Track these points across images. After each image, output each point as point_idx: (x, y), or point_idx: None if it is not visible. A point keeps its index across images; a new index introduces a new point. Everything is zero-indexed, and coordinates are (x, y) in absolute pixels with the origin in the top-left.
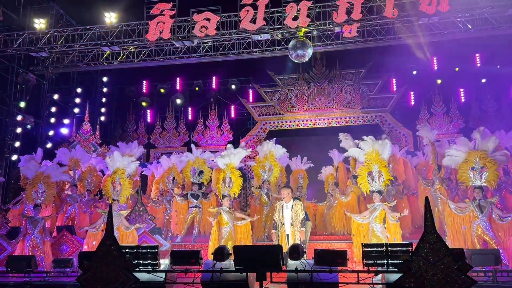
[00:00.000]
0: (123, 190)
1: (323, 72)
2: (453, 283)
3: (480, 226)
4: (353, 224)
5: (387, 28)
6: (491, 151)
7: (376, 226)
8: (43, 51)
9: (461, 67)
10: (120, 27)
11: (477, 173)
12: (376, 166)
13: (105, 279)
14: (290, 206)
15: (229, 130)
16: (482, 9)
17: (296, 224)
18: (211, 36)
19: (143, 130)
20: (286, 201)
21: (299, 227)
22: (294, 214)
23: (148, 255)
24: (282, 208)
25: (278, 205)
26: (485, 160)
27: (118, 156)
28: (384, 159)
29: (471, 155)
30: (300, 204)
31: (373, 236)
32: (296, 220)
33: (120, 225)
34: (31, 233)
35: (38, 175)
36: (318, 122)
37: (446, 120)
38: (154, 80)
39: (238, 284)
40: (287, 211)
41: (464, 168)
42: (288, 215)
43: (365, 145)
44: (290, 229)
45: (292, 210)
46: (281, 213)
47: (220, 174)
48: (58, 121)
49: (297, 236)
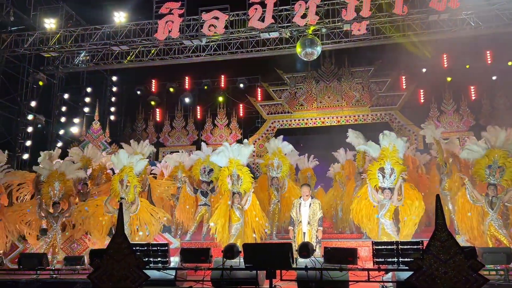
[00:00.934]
0: (132, 188)
1: (332, 70)
2: (465, 281)
3: (492, 225)
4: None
5: (397, 25)
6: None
7: (386, 223)
8: (53, 51)
9: (472, 64)
10: (129, 27)
11: (493, 171)
12: (389, 163)
13: (115, 277)
14: (308, 204)
15: (238, 128)
16: (492, 6)
17: (313, 222)
18: (219, 34)
19: (152, 129)
20: (304, 199)
21: (316, 225)
22: (311, 212)
23: (158, 252)
24: (300, 206)
25: (296, 202)
26: (505, 159)
27: (123, 154)
28: (400, 157)
29: (491, 153)
30: (318, 203)
31: (383, 234)
32: (314, 218)
33: (131, 215)
34: (53, 228)
35: (53, 173)
36: (327, 120)
37: (456, 118)
38: (163, 79)
39: (248, 282)
40: (304, 209)
41: (482, 164)
42: (305, 213)
43: (384, 140)
44: (307, 227)
45: (310, 208)
46: (299, 210)
47: (226, 172)
48: (68, 120)
49: (314, 235)
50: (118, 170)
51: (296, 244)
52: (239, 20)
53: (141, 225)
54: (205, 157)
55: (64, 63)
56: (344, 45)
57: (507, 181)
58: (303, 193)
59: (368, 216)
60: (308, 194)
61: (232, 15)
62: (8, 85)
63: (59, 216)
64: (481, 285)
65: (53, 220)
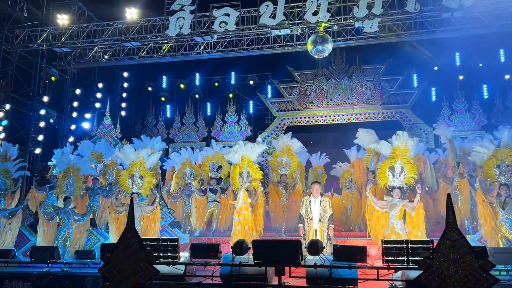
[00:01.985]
0: (146, 182)
1: (343, 67)
2: (475, 281)
3: (502, 224)
4: (367, 209)
5: (409, 23)
6: None
7: (396, 223)
8: (65, 47)
9: (485, 62)
10: (141, 23)
11: (503, 170)
12: (400, 162)
13: (126, 271)
14: (319, 201)
15: (248, 125)
16: (507, 3)
17: (324, 220)
18: (230, 31)
19: (163, 125)
20: (314, 196)
21: (327, 223)
22: (322, 210)
23: (168, 247)
24: (310, 203)
25: (306, 200)
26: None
27: (130, 149)
28: (410, 157)
29: (498, 152)
30: (328, 200)
31: (392, 233)
32: (324, 216)
33: (143, 214)
34: (65, 224)
35: (70, 168)
36: (337, 118)
37: (468, 117)
38: (174, 76)
39: (257, 278)
40: (315, 207)
41: (490, 164)
42: (316, 210)
43: (396, 139)
44: (319, 224)
45: (321, 205)
46: (309, 208)
47: (236, 169)
48: (80, 116)
49: (325, 232)
50: (127, 165)
51: (307, 241)
52: (250, 16)
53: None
54: (214, 153)
55: (76, 58)
56: (355, 43)
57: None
58: (314, 190)
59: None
60: (318, 191)
61: (243, 12)
62: (21, 80)
63: (70, 213)
64: (492, 285)
65: (64, 215)
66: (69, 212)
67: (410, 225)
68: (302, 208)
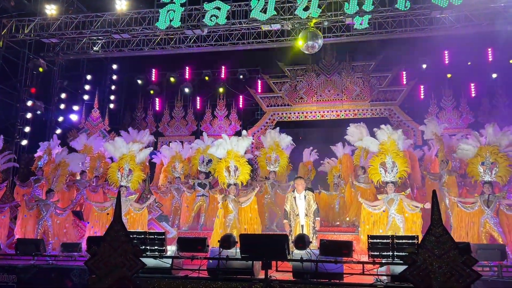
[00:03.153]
0: (135, 177)
1: (333, 63)
2: (458, 276)
3: (487, 222)
4: (363, 212)
5: (399, 20)
6: (503, 147)
7: (397, 217)
8: (53, 37)
9: (473, 61)
10: (131, 15)
11: (487, 168)
12: (390, 157)
13: (112, 264)
14: (303, 196)
15: (237, 120)
16: (495, 4)
17: (310, 214)
18: (221, 25)
19: (152, 118)
20: (298, 191)
21: (313, 217)
22: (307, 204)
23: (155, 241)
24: (295, 199)
25: (290, 195)
26: (497, 155)
27: (121, 142)
28: (399, 150)
29: (482, 150)
30: (312, 194)
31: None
32: (310, 210)
33: (130, 209)
34: (43, 217)
35: (62, 162)
36: (327, 114)
37: (455, 115)
38: (164, 69)
39: (243, 272)
40: (300, 202)
41: (475, 162)
42: (302, 205)
43: (381, 134)
44: (305, 219)
45: (305, 200)
46: (295, 203)
47: (223, 163)
48: (68, 108)
49: (311, 226)
50: (117, 158)
51: (293, 237)
52: (241, 11)
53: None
54: (205, 147)
55: (65, 50)
56: (345, 39)
57: (501, 177)
58: (297, 185)
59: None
60: (303, 187)
61: (234, 6)
62: (8, 70)
63: (51, 205)
64: (474, 280)
65: (43, 208)
66: (50, 205)
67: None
68: (287, 204)
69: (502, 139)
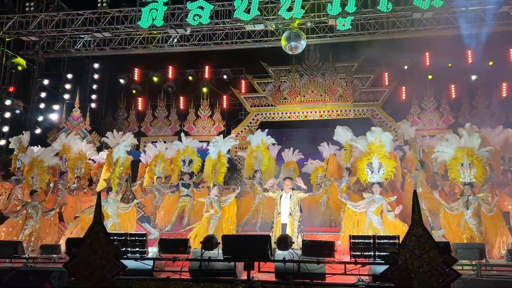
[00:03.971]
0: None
1: (316, 64)
2: (438, 275)
3: (467, 222)
4: (346, 211)
5: (381, 22)
6: (477, 148)
7: (373, 218)
8: (33, 35)
9: (453, 63)
10: (113, 13)
11: (466, 170)
12: (376, 157)
13: (92, 266)
14: (289, 196)
15: (221, 120)
16: (475, 6)
17: (295, 213)
18: (204, 25)
19: (134, 118)
20: (286, 191)
21: (298, 216)
22: (292, 204)
23: (136, 242)
24: (280, 198)
25: (278, 193)
26: (472, 157)
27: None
28: (386, 151)
29: (459, 152)
30: (297, 195)
31: (370, 227)
32: (295, 209)
33: (119, 211)
34: (34, 219)
35: (34, 160)
36: (310, 114)
37: (436, 116)
38: (146, 68)
39: (226, 273)
40: (285, 201)
41: (454, 164)
42: (286, 204)
43: (370, 135)
44: (289, 218)
45: (291, 200)
46: (279, 202)
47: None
48: (48, 107)
49: (296, 226)
50: None
51: (274, 235)
52: (224, 10)
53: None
54: (185, 147)
55: (45, 48)
56: (328, 40)
57: (477, 179)
58: (286, 185)
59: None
60: (290, 187)
61: (218, 5)
62: None
63: (39, 206)
64: (454, 279)
65: (33, 210)
66: (38, 206)
67: (388, 228)
68: (272, 196)
69: (476, 141)
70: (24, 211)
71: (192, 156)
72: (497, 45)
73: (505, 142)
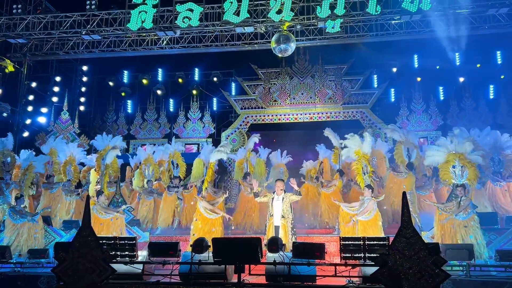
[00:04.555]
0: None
1: (306, 66)
2: (428, 276)
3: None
4: (341, 214)
5: (370, 24)
6: (468, 152)
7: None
8: (20, 38)
9: (441, 65)
10: (101, 16)
11: (458, 172)
12: (363, 161)
13: (81, 270)
14: (281, 198)
15: (211, 122)
16: (462, 9)
17: (288, 215)
18: (194, 27)
19: (123, 121)
20: (278, 193)
21: (292, 218)
22: (285, 206)
23: (125, 246)
24: (272, 200)
25: (270, 196)
26: (464, 161)
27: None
28: (366, 153)
29: (450, 156)
30: (289, 197)
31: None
32: (288, 211)
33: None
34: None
35: (30, 166)
36: (300, 116)
37: (425, 117)
38: (136, 70)
39: (216, 276)
40: (277, 203)
41: (446, 167)
42: (278, 207)
43: (349, 142)
44: (281, 221)
45: (283, 202)
46: (271, 204)
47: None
48: (36, 110)
49: (290, 227)
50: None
51: (267, 238)
52: (214, 13)
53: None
54: (174, 152)
55: (33, 50)
56: (318, 42)
57: (470, 180)
58: (277, 187)
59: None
60: (282, 189)
61: (207, 8)
62: None
63: (23, 211)
64: (443, 280)
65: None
66: (22, 211)
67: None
68: (264, 198)
69: (467, 145)
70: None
71: (178, 161)
72: (485, 48)
73: (494, 144)
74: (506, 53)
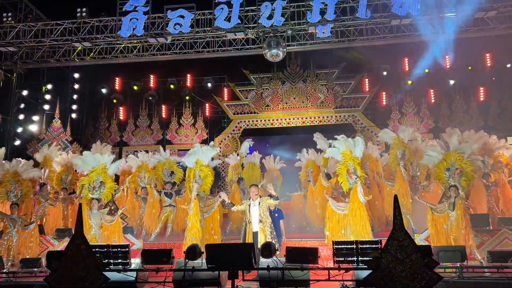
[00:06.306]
0: (107, 188)
1: (298, 71)
2: (420, 279)
3: (454, 225)
4: (328, 209)
5: (360, 29)
6: (467, 155)
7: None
8: (11, 46)
9: (432, 68)
10: (92, 23)
11: (452, 173)
12: (351, 164)
13: (74, 279)
14: (257, 203)
15: (204, 128)
16: (450, 13)
17: (265, 220)
18: (185, 33)
19: (116, 128)
20: (253, 198)
21: (269, 222)
22: (261, 210)
23: (118, 254)
24: (249, 206)
25: (246, 202)
26: (461, 162)
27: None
28: (356, 157)
29: (448, 157)
30: (266, 201)
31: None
32: (265, 215)
33: (103, 222)
34: (9, 231)
35: (5, 173)
36: (292, 121)
37: (416, 120)
38: (127, 77)
39: (210, 283)
40: (254, 209)
41: (441, 168)
42: (255, 212)
43: (339, 144)
44: (259, 225)
45: (260, 207)
46: (248, 211)
47: (191, 172)
48: (27, 118)
49: (268, 231)
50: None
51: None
52: (205, 19)
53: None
54: (165, 160)
55: (23, 58)
56: (309, 47)
57: (466, 181)
58: (252, 193)
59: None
60: (257, 194)
61: (198, 14)
62: None
63: (16, 219)
64: (436, 282)
65: (10, 222)
66: (15, 219)
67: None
68: (240, 206)
69: (466, 148)
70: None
71: (173, 168)
72: (474, 50)
73: (484, 146)
74: (496, 55)
